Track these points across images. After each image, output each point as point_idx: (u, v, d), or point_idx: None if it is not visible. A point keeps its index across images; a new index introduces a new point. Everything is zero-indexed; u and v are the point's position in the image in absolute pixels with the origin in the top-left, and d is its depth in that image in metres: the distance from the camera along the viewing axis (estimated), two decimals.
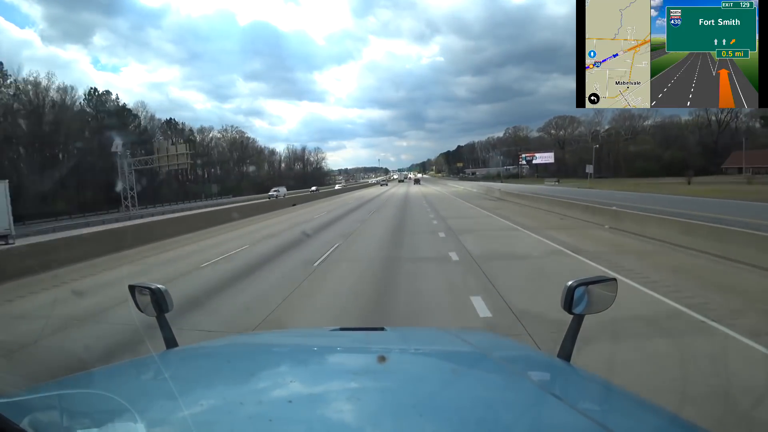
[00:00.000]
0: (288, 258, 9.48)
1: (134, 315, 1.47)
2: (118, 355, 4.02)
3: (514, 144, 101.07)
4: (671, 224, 9.61)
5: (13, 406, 0.76)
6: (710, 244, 7.93)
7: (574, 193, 31.53)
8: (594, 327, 3.54)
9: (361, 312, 5.31)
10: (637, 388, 1.05)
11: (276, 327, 4.75)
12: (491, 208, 20.55)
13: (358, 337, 1.52)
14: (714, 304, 4.95)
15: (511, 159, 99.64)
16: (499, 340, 1.76)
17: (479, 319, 4.76)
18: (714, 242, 7.89)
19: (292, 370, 1.17)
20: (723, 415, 2.67)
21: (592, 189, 39.65)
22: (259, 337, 2.30)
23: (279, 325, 4.84)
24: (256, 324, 4.91)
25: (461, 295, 5.75)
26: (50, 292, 7.19)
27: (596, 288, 1.27)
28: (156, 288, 1.33)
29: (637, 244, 9.32)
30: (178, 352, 1.32)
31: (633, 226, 10.88)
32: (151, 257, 10.57)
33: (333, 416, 0.83)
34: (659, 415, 0.93)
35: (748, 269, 6.63)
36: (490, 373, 1.12)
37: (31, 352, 4.38)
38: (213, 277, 7.67)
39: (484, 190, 37.85)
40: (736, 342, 3.86)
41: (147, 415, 0.77)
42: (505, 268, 7.40)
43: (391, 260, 8.56)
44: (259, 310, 5.46)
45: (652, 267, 6.99)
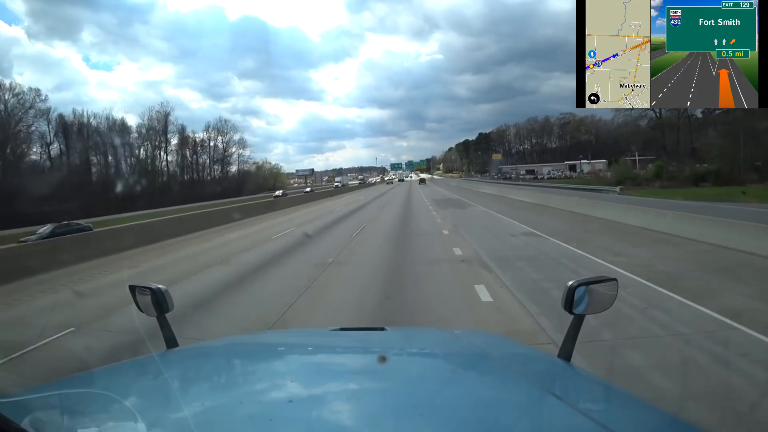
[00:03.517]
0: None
1: (135, 315, 1.47)
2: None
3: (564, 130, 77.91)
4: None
5: (14, 405, 0.76)
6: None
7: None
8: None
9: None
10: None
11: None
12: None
13: (358, 337, 1.52)
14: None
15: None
16: (499, 340, 1.76)
17: None
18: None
19: (293, 370, 1.17)
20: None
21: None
22: (259, 337, 2.30)
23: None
24: None
25: None
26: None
27: (597, 288, 1.27)
28: (156, 288, 1.33)
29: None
30: (178, 352, 1.32)
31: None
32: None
33: (333, 416, 0.83)
34: (659, 415, 0.93)
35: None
36: (490, 373, 1.12)
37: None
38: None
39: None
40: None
41: (147, 414, 0.77)
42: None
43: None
44: None
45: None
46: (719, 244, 8.12)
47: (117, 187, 45.06)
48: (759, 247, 7.33)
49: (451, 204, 23.92)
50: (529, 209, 17.68)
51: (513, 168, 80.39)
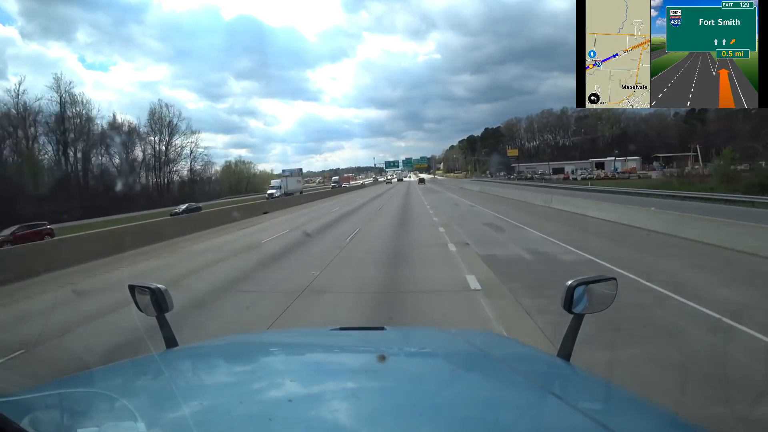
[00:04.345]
0: None
1: (134, 314, 1.46)
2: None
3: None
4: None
5: (14, 405, 0.76)
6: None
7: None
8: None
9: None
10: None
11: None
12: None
13: (357, 337, 1.52)
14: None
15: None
16: (499, 339, 1.76)
17: None
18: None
19: (292, 369, 1.17)
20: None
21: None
22: (259, 336, 2.30)
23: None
24: None
25: None
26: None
27: (596, 287, 1.27)
28: (156, 288, 1.33)
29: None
30: (177, 352, 1.32)
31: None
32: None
33: (332, 416, 0.83)
34: (659, 415, 0.93)
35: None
36: (489, 373, 1.12)
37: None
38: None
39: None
40: None
41: (147, 414, 0.77)
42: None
43: None
44: None
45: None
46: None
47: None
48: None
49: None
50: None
51: (529, 167, 69.57)
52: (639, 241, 9.88)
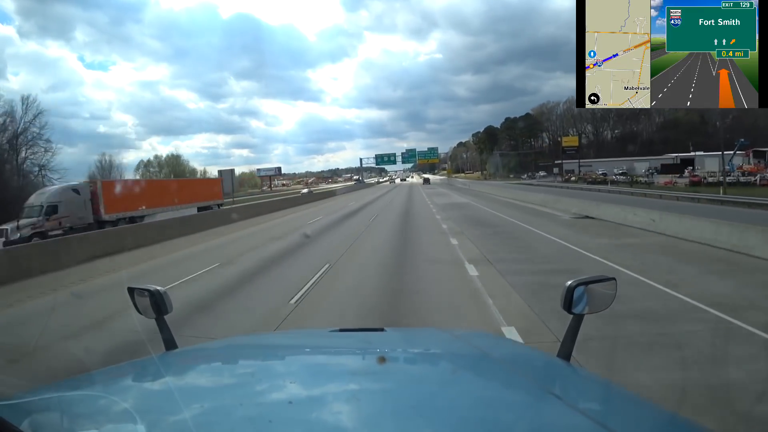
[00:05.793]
0: None
1: (134, 316, 1.46)
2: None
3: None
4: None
5: (13, 408, 0.76)
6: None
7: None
8: None
9: None
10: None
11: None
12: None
13: (357, 338, 1.52)
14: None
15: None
16: (499, 340, 1.76)
17: None
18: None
19: (292, 371, 1.17)
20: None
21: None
22: (259, 338, 2.30)
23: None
24: None
25: None
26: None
27: (596, 287, 1.27)
28: (155, 290, 1.33)
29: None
30: (177, 354, 1.32)
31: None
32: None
33: (333, 417, 0.83)
34: (659, 414, 0.93)
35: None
36: (489, 373, 1.12)
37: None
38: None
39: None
40: None
41: (147, 416, 0.77)
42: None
43: None
44: None
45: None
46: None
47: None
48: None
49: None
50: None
51: (583, 164, 53.70)
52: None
